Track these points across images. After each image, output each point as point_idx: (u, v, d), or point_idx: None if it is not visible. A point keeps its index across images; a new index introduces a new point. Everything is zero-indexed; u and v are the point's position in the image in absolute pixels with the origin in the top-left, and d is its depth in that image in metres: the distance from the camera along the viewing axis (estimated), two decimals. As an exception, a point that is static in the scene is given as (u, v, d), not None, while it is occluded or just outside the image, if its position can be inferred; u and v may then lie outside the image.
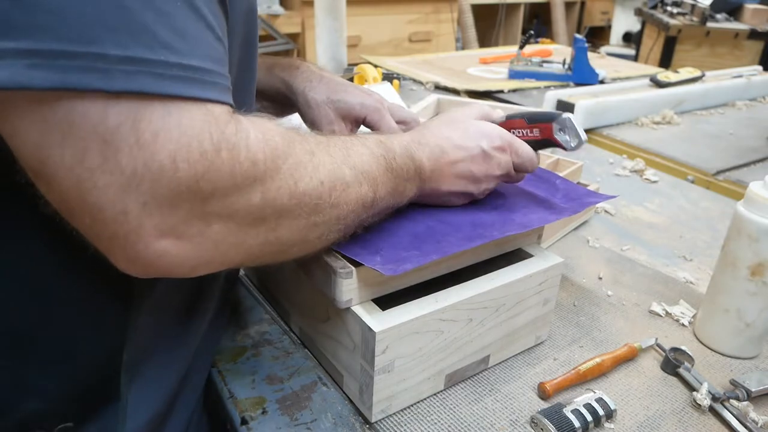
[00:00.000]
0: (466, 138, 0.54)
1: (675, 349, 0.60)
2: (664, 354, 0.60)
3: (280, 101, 0.66)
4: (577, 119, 0.54)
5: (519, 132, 0.57)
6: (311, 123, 0.64)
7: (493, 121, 0.57)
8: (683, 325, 0.66)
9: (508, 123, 0.58)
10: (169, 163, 0.33)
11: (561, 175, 0.84)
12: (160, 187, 0.33)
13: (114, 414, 0.47)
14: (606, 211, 0.93)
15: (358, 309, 0.49)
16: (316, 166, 0.41)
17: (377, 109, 0.63)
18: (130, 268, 0.36)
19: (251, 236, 0.38)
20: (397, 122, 0.65)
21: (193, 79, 0.34)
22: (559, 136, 0.55)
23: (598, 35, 4.44)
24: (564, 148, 0.55)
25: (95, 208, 0.33)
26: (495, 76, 1.72)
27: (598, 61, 1.95)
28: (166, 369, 0.50)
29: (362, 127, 0.65)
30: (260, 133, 0.37)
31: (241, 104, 0.48)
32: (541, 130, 0.56)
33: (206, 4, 0.36)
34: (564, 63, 1.67)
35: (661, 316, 0.68)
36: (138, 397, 0.47)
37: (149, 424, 0.48)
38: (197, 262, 0.37)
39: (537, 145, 0.57)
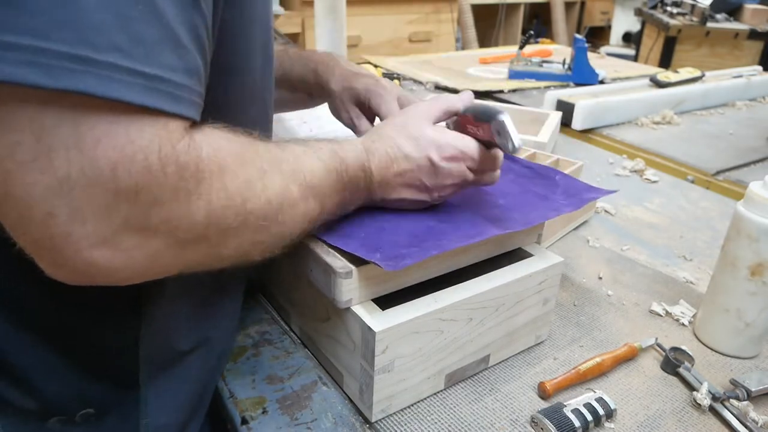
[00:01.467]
0: (415, 149, 0.52)
1: (675, 349, 0.60)
2: (664, 354, 0.60)
3: (309, 92, 0.73)
4: (511, 122, 0.50)
5: (472, 129, 0.54)
6: (333, 110, 0.71)
7: (453, 115, 0.56)
8: (683, 324, 0.66)
9: (462, 120, 0.56)
10: (108, 171, 0.31)
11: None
12: (95, 195, 0.31)
13: (135, 405, 0.48)
14: (606, 211, 0.93)
15: (358, 309, 0.49)
16: (266, 185, 0.40)
17: (378, 94, 0.66)
18: (56, 273, 0.34)
19: (190, 251, 0.37)
20: None
21: (147, 87, 0.32)
22: (498, 139, 0.51)
23: (598, 35, 4.44)
24: (504, 150, 0.51)
25: (22, 204, 0.31)
26: (495, 76, 1.72)
27: (598, 61, 1.95)
28: (188, 374, 0.51)
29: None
30: (213, 150, 0.36)
31: (258, 112, 0.49)
32: (483, 130, 0.53)
33: (178, 14, 0.34)
34: (564, 63, 1.67)
35: (661, 315, 0.68)
36: (159, 402, 0.48)
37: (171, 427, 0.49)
38: (130, 273, 0.36)
39: (488, 143, 0.54)
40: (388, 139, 0.53)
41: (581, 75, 1.62)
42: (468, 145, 0.53)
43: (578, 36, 1.63)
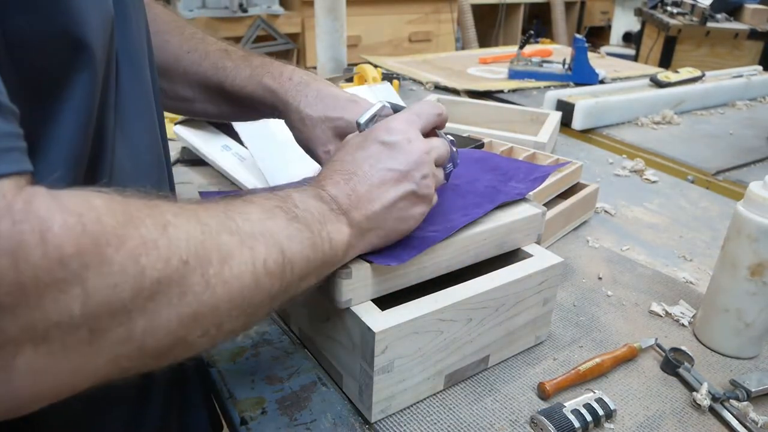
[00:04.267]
0: (360, 146, 0.46)
1: (675, 349, 0.60)
2: (663, 354, 0.60)
3: (257, 108, 0.61)
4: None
5: None
6: (305, 141, 0.58)
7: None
8: (683, 325, 0.66)
9: None
10: None
11: (561, 175, 0.85)
12: None
13: None
14: (606, 211, 0.93)
15: (357, 309, 0.49)
16: (173, 240, 0.31)
17: None
18: None
19: (91, 354, 0.28)
20: None
21: None
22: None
23: (598, 35, 4.44)
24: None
25: None
26: (495, 76, 1.72)
27: (598, 61, 1.95)
28: None
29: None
30: (73, 216, 0.27)
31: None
32: None
33: None
34: (564, 63, 1.67)
35: (660, 316, 0.68)
36: None
37: None
38: (18, 402, 0.27)
39: None
40: (333, 161, 0.47)
41: (581, 75, 1.62)
42: (418, 110, 0.49)
43: (578, 36, 1.63)
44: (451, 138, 0.55)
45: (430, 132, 0.52)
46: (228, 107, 0.63)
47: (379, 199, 0.44)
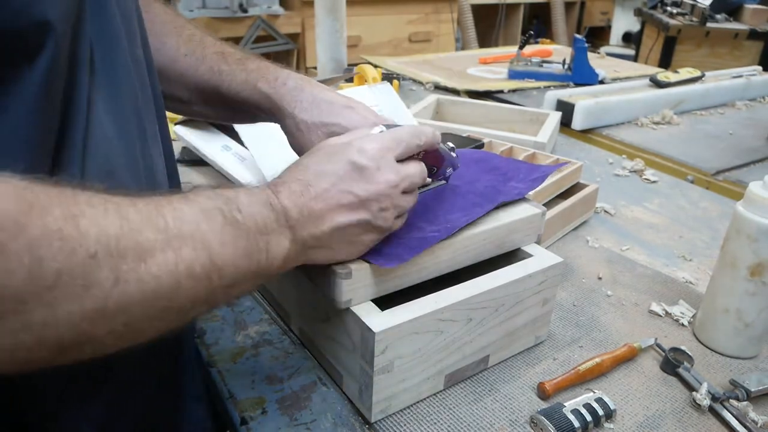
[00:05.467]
0: (330, 160, 0.45)
1: (674, 349, 0.60)
2: (663, 354, 0.60)
3: (253, 112, 0.60)
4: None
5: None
6: (300, 147, 0.57)
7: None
8: (683, 325, 0.66)
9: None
10: None
11: (561, 175, 0.85)
12: None
13: None
14: (606, 211, 0.93)
15: (357, 309, 0.49)
16: (81, 232, 0.30)
17: None
18: None
19: None
20: None
21: None
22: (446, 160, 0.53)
23: (597, 35, 4.44)
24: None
25: None
26: (495, 76, 1.72)
27: (598, 61, 1.95)
28: None
29: None
30: None
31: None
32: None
33: None
34: (564, 63, 1.67)
35: (660, 316, 0.68)
36: None
37: None
38: None
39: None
40: (298, 165, 0.45)
41: (581, 75, 1.62)
42: (399, 136, 0.47)
43: (578, 36, 1.63)
44: (451, 145, 0.56)
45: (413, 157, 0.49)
46: (225, 110, 0.63)
47: (331, 221, 0.44)
